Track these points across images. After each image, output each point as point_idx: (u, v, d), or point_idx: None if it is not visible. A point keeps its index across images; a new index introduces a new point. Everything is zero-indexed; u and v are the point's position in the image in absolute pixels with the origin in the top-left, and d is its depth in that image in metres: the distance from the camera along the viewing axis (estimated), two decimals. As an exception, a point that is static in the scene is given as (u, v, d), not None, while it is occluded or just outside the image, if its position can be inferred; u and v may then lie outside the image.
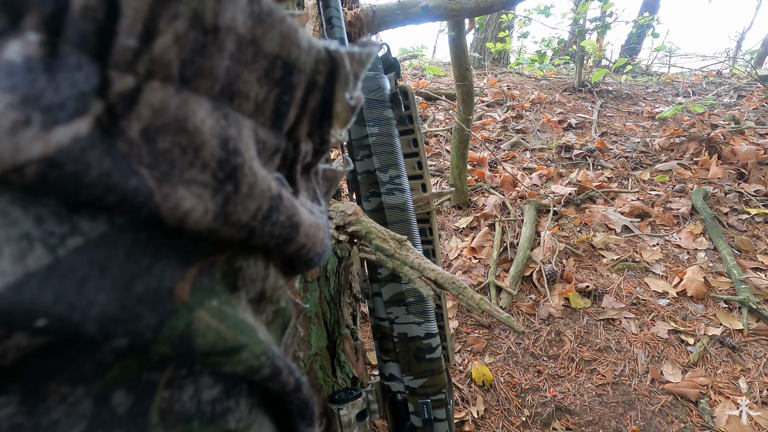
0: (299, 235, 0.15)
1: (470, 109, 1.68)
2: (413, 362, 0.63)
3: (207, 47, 0.11)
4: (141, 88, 0.10)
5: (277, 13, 0.12)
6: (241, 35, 0.11)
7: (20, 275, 0.09)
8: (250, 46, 0.12)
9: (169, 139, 0.11)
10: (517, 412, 1.15)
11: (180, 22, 0.10)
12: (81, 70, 0.09)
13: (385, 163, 0.65)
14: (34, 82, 0.09)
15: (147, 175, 0.10)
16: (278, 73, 0.13)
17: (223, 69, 0.11)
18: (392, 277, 0.63)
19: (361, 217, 0.42)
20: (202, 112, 0.11)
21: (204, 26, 0.11)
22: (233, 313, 0.13)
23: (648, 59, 5.19)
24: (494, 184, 2.03)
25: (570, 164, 2.23)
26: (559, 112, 2.89)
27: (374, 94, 0.66)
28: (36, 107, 0.09)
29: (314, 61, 0.13)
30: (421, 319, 0.63)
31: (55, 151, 0.09)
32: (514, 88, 3.38)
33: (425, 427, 0.62)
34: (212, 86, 0.11)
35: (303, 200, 0.16)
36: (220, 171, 0.12)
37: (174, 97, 0.11)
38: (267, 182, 0.13)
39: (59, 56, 0.09)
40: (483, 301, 0.38)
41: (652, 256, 1.58)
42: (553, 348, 1.31)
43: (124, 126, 0.10)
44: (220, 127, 0.12)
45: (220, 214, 0.12)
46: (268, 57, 0.12)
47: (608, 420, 1.10)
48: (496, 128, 2.67)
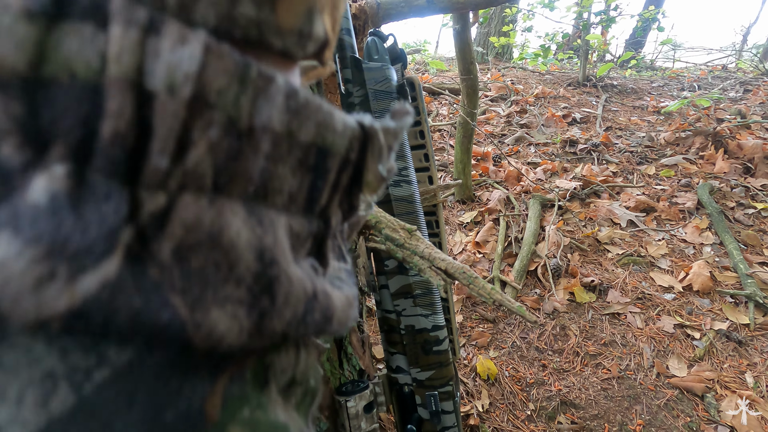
0: (332, 324, 0.14)
1: (475, 103, 1.67)
2: (420, 354, 0.63)
3: (242, 151, 0.10)
4: (173, 204, 0.09)
5: (313, 103, 0.11)
6: (277, 132, 0.11)
7: (43, 424, 0.08)
8: (285, 141, 0.11)
9: (203, 256, 0.10)
10: (522, 406, 1.15)
11: (214, 129, 0.10)
12: (110, 200, 0.09)
13: (392, 155, 0.64)
14: (60, 227, 0.08)
15: (179, 304, 0.10)
16: (312, 160, 0.12)
17: (258, 170, 0.11)
18: (399, 270, 0.63)
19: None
20: (237, 222, 0.10)
21: (239, 130, 0.10)
22: (265, 418, 0.12)
23: (653, 53, 5.15)
24: (498, 179, 2.03)
25: (574, 159, 2.22)
26: (563, 106, 2.87)
27: (381, 85, 0.66)
28: (62, 257, 0.08)
29: (348, 141, 0.13)
30: (429, 312, 0.63)
31: (81, 302, 0.08)
32: (518, 82, 3.36)
33: (432, 419, 0.62)
34: (246, 188, 0.11)
35: (332, 269, 0.15)
36: (256, 285, 0.11)
37: (208, 209, 0.10)
38: (302, 284, 0.12)
39: (87, 187, 0.08)
40: (494, 291, 0.37)
41: (658, 251, 1.57)
42: (558, 342, 1.30)
43: (155, 249, 0.09)
44: (256, 237, 0.11)
45: (255, 330, 0.11)
46: (302, 147, 0.12)
47: (614, 414, 1.10)
48: (500, 123, 2.65)
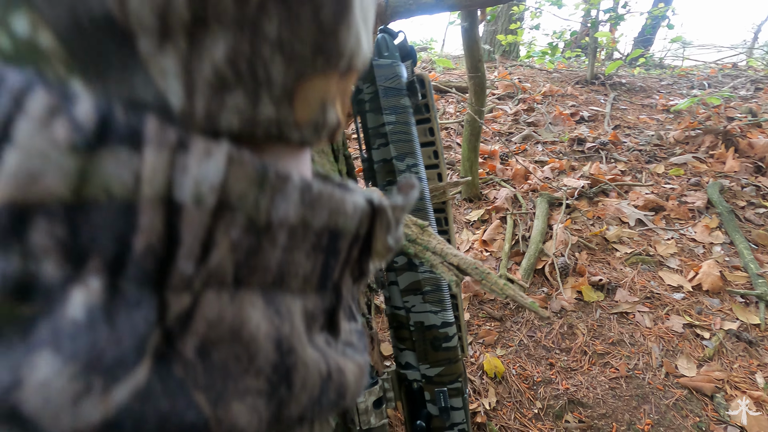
0: (346, 400, 0.14)
1: (482, 100, 1.66)
2: (430, 351, 0.63)
3: (261, 246, 0.11)
4: (197, 302, 0.10)
5: (325, 193, 0.12)
6: (292, 225, 0.11)
7: None
8: (300, 230, 0.12)
9: (225, 350, 0.10)
10: (529, 404, 1.15)
11: (235, 230, 0.10)
12: (141, 308, 0.09)
13: (402, 152, 0.64)
14: (97, 342, 0.08)
15: (203, 402, 0.10)
16: (325, 242, 0.13)
17: (275, 261, 0.11)
18: (409, 266, 0.63)
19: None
20: (256, 314, 0.11)
21: (258, 228, 0.11)
22: None
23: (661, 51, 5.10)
24: (506, 177, 2.02)
25: (582, 157, 2.21)
26: (571, 104, 2.85)
27: (391, 82, 0.66)
28: (97, 370, 0.08)
29: (358, 220, 0.13)
30: (438, 308, 0.63)
31: (115, 412, 0.08)
32: (525, 80, 3.35)
33: (442, 415, 0.62)
34: (264, 278, 0.11)
35: (343, 333, 0.15)
36: (275, 374, 0.11)
37: (229, 305, 0.10)
38: (317, 366, 0.13)
39: (120, 296, 0.09)
40: (507, 286, 0.37)
41: (667, 250, 1.56)
42: (565, 341, 1.30)
43: (180, 347, 0.10)
44: (275, 328, 0.11)
45: (273, 419, 0.11)
46: (316, 233, 0.12)
47: (621, 413, 1.10)
48: (507, 121, 2.64)
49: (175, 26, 0.09)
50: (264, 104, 0.11)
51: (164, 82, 0.10)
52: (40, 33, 0.09)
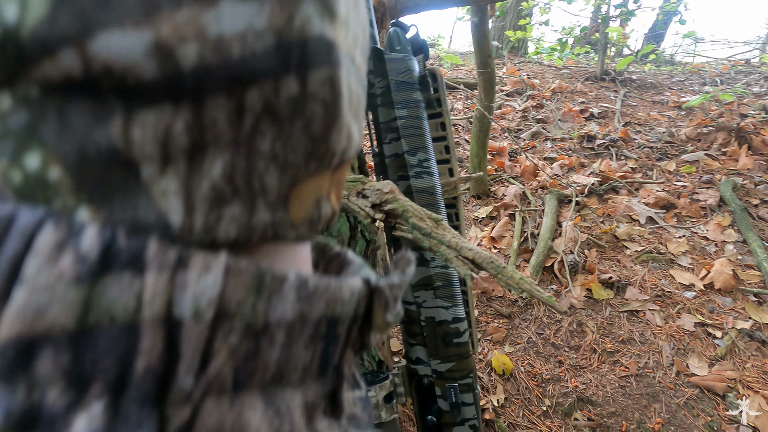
0: None
1: (492, 96, 1.65)
2: (441, 346, 0.63)
3: (259, 347, 0.11)
4: (197, 413, 0.10)
5: (321, 285, 0.12)
6: (290, 322, 0.11)
7: None
8: (297, 325, 0.12)
9: None
10: (537, 401, 1.14)
11: (233, 336, 0.10)
12: (141, 427, 0.09)
13: (414, 146, 0.64)
14: None
15: None
16: (323, 331, 0.12)
17: (274, 359, 0.11)
18: (420, 261, 0.63)
19: (397, 195, 0.41)
20: (256, 418, 0.11)
21: (255, 331, 0.11)
22: None
23: (672, 47, 5.03)
24: (514, 174, 2.01)
25: (592, 154, 2.19)
26: (580, 101, 2.83)
27: (403, 76, 0.65)
28: None
29: (356, 303, 0.13)
30: (449, 304, 0.63)
31: None
32: (534, 77, 3.32)
33: (452, 410, 0.62)
34: (264, 378, 0.11)
35: (347, 406, 0.15)
36: None
37: (229, 411, 0.10)
38: None
39: (121, 417, 0.09)
40: (523, 280, 0.37)
41: (678, 248, 1.54)
42: (574, 339, 1.29)
43: None
44: (274, 429, 0.11)
45: None
46: (313, 324, 0.12)
47: (631, 412, 1.09)
48: (516, 118, 2.62)
49: (176, 153, 0.10)
50: (260, 211, 0.11)
51: (165, 202, 0.10)
52: (50, 167, 0.09)
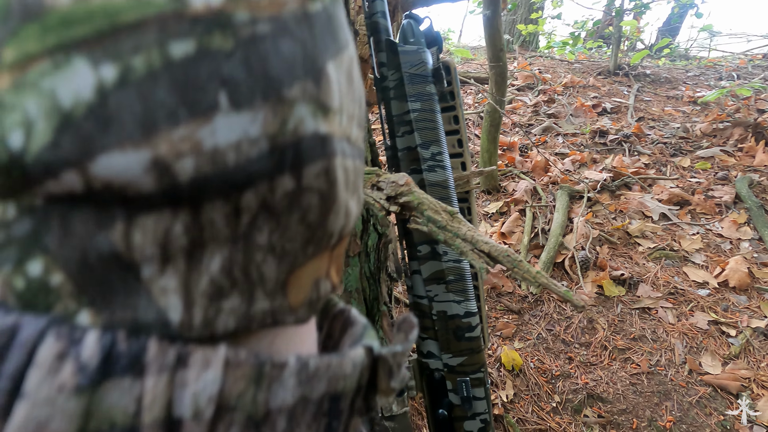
0: None
1: (503, 90, 1.64)
2: (452, 340, 0.62)
3: None
4: None
5: (322, 365, 0.12)
6: (291, 406, 0.11)
7: None
8: (299, 408, 0.11)
9: None
10: (547, 397, 1.14)
11: (234, 429, 0.10)
12: None
13: (427, 140, 0.64)
14: None
15: None
16: (326, 407, 0.12)
17: None
18: (432, 255, 0.63)
19: (413, 187, 0.41)
20: None
21: (256, 420, 0.11)
22: None
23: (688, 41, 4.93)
24: (525, 169, 1.99)
25: (604, 150, 2.16)
26: (593, 96, 2.79)
27: (416, 68, 0.65)
28: None
29: (359, 374, 0.13)
30: (461, 298, 0.62)
31: None
32: (546, 71, 3.28)
33: (464, 404, 0.62)
34: None
35: None
36: None
37: None
38: None
39: None
40: (540, 275, 0.36)
41: (692, 245, 1.52)
42: (585, 335, 1.28)
43: None
44: None
45: None
46: (315, 403, 0.12)
47: (642, 409, 1.08)
48: (527, 112, 2.60)
49: (175, 252, 0.10)
50: (258, 301, 0.11)
51: (165, 300, 0.10)
52: (52, 273, 0.09)
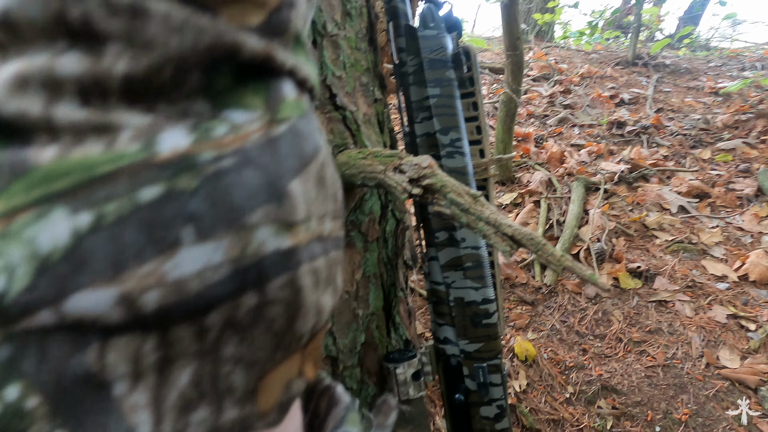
0: None
1: (519, 80, 1.61)
2: (469, 327, 0.63)
3: None
4: None
5: None
6: None
7: None
8: None
9: None
10: (560, 388, 1.14)
11: None
12: None
13: (446, 126, 0.63)
14: None
15: None
16: None
17: None
18: (449, 242, 0.63)
19: (436, 170, 0.41)
20: None
21: None
22: None
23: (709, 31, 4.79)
24: (540, 161, 1.97)
25: (622, 141, 2.12)
26: (610, 86, 2.73)
27: (436, 53, 0.64)
28: None
29: None
30: (479, 284, 0.62)
31: None
32: (562, 61, 3.22)
33: (480, 390, 0.62)
34: None
35: None
36: None
37: None
38: None
39: None
40: (564, 258, 0.36)
41: (711, 239, 1.49)
42: (599, 327, 1.27)
43: None
44: None
45: None
46: None
47: (657, 402, 1.07)
48: (542, 103, 2.56)
49: (146, 369, 0.10)
50: (227, 410, 0.12)
51: (135, 417, 0.10)
52: (28, 397, 0.10)
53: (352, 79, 0.53)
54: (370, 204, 0.56)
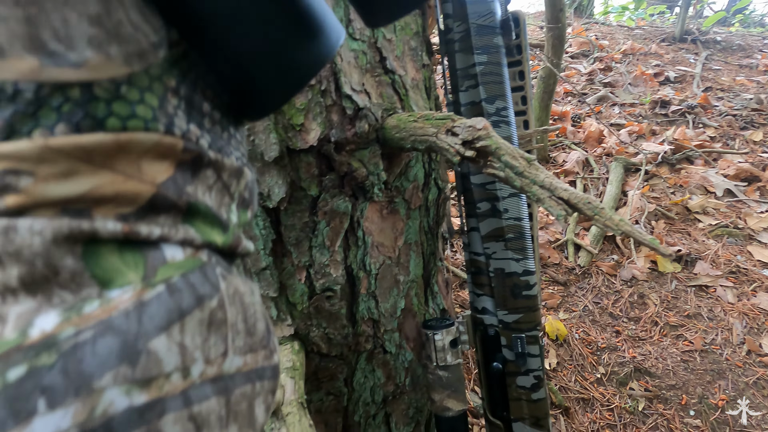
0: None
1: (560, 54, 1.55)
2: (509, 298, 0.62)
3: None
4: None
5: None
6: None
7: None
8: None
9: None
10: (591, 368, 1.13)
11: None
12: None
13: (493, 94, 0.62)
14: None
15: None
16: None
17: None
18: (492, 213, 0.62)
19: (491, 132, 0.40)
20: None
21: None
22: None
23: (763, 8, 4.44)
24: (577, 140, 1.91)
25: (665, 121, 2.03)
26: (654, 64, 2.60)
27: (484, 19, 0.62)
28: None
29: None
30: (520, 256, 0.62)
31: None
32: (603, 38, 3.07)
33: (518, 360, 0.62)
34: None
35: None
36: None
37: None
38: None
39: None
40: (623, 222, 0.36)
41: (759, 224, 1.42)
42: (634, 310, 1.25)
43: None
44: None
45: None
46: None
47: (693, 386, 1.05)
48: (581, 81, 2.46)
49: None
50: None
51: None
52: None
53: (401, 42, 0.52)
54: (415, 171, 0.56)
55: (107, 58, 0.13)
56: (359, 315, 0.54)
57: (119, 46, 0.13)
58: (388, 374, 0.61)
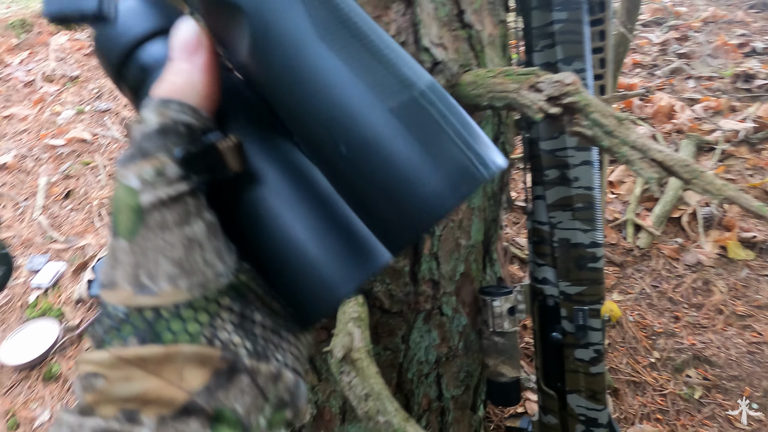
0: None
1: (635, 18, 1.43)
2: (573, 269, 0.61)
3: None
4: None
5: None
6: None
7: None
8: None
9: None
10: (645, 352, 1.09)
11: None
12: None
13: (570, 55, 0.58)
14: None
15: None
16: None
17: None
18: (560, 180, 0.60)
19: (580, 87, 0.38)
20: None
21: None
22: None
23: None
24: (644, 115, 1.78)
25: (748, 97, 1.84)
26: (739, 33, 2.34)
27: (567, -29, 0.58)
28: None
29: None
30: (588, 227, 0.60)
31: None
32: (680, 4, 2.80)
33: (577, 332, 0.61)
34: None
35: None
36: None
37: None
38: None
39: None
40: (726, 186, 0.33)
41: None
42: (697, 296, 1.18)
43: None
44: None
45: None
46: None
47: (758, 379, 0.99)
48: (652, 51, 2.27)
49: None
50: None
51: None
52: None
53: (480, -6, 0.50)
54: (485, 130, 0.54)
55: (176, 288, 0.16)
56: (420, 275, 0.55)
57: (188, 279, 0.16)
58: (442, 336, 0.62)
